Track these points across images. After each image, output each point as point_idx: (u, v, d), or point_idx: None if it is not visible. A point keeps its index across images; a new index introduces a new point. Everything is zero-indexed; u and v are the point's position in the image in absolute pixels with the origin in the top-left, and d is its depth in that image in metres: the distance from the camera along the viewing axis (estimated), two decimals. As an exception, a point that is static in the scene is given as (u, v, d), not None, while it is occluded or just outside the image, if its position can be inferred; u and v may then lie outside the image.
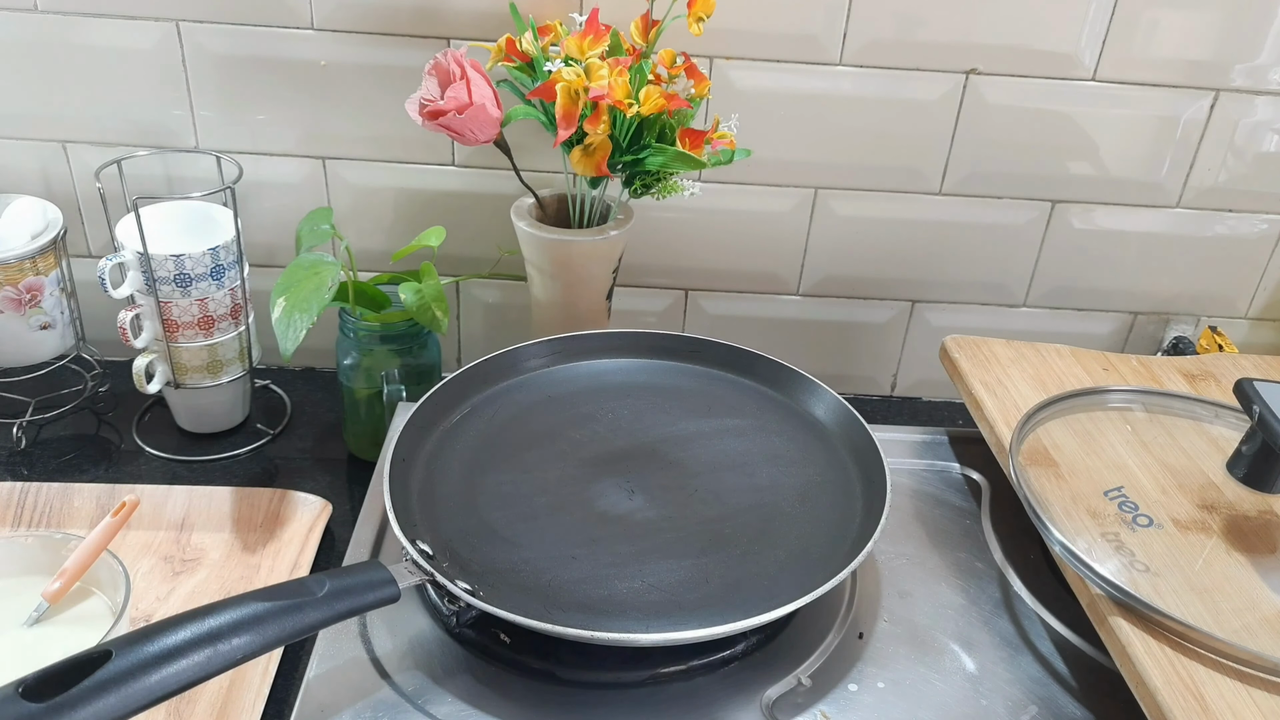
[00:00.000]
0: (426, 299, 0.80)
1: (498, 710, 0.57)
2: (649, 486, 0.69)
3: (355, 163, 0.92)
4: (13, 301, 0.82)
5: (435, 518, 0.66)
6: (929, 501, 0.76)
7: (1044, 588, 0.69)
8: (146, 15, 0.85)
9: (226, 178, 0.86)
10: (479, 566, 0.62)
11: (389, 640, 0.61)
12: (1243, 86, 0.90)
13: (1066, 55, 0.88)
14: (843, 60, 0.88)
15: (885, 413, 1.03)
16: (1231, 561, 0.62)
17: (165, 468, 0.87)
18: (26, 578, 0.69)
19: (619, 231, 0.84)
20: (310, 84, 0.88)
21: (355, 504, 0.83)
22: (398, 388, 0.81)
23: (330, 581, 0.53)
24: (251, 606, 0.49)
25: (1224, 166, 0.94)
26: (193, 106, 0.89)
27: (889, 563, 0.70)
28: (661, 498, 0.68)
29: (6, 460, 0.86)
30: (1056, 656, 0.64)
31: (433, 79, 0.78)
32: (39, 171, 0.91)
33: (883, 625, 0.65)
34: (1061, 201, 0.96)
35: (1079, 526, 0.65)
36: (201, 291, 0.82)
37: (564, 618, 0.58)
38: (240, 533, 0.79)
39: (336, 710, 0.56)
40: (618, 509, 0.67)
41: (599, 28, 0.78)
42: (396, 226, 0.95)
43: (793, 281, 1.00)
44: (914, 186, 0.94)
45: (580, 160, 0.78)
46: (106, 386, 0.94)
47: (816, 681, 0.60)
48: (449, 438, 0.73)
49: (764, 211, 0.95)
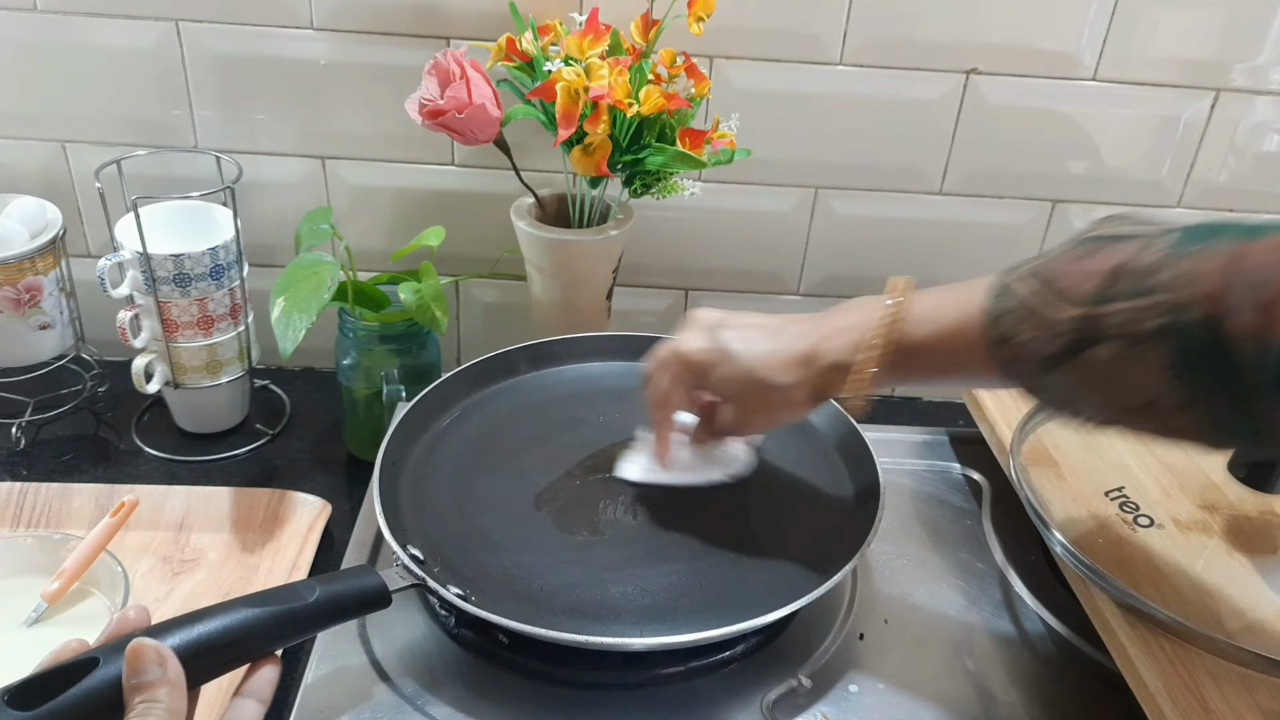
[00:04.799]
0: (426, 299, 0.80)
1: (497, 712, 0.57)
2: (641, 491, 0.69)
3: (355, 162, 0.92)
4: (12, 301, 0.81)
5: (426, 522, 0.66)
6: (930, 502, 0.76)
7: (1045, 588, 0.69)
8: (146, 15, 0.85)
9: (226, 177, 0.85)
10: (471, 571, 0.62)
11: (388, 642, 0.61)
12: (1243, 86, 0.90)
13: (1067, 55, 0.88)
14: (843, 60, 0.88)
15: (886, 413, 1.03)
16: (1232, 562, 0.62)
17: (164, 468, 0.87)
18: (25, 578, 0.69)
19: (619, 231, 0.84)
20: (310, 84, 0.88)
21: (355, 504, 0.83)
22: (397, 388, 0.80)
23: (321, 587, 0.52)
24: (242, 612, 0.49)
25: (1225, 166, 0.94)
26: (192, 106, 0.89)
27: (889, 563, 0.70)
28: (654, 502, 0.68)
29: (5, 460, 0.86)
30: (1056, 656, 0.64)
31: (432, 79, 0.78)
32: (38, 171, 0.91)
33: (883, 625, 0.65)
34: (1062, 201, 0.96)
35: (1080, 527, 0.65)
36: (201, 291, 0.82)
37: (558, 622, 0.58)
38: (239, 533, 0.79)
39: (336, 712, 0.56)
40: (610, 514, 0.67)
41: (599, 27, 0.77)
42: (396, 226, 0.95)
43: (793, 281, 1.00)
44: (914, 186, 0.94)
45: (580, 160, 0.78)
46: (106, 386, 0.94)
47: (816, 682, 0.60)
48: (440, 441, 0.73)
49: (764, 211, 0.95)
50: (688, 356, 0.62)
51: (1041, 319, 0.47)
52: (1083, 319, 0.46)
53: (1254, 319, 0.41)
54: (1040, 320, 0.47)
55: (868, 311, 0.58)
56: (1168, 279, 0.43)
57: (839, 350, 0.58)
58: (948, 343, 0.53)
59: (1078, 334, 0.46)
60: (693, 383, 0.63)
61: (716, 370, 0.61)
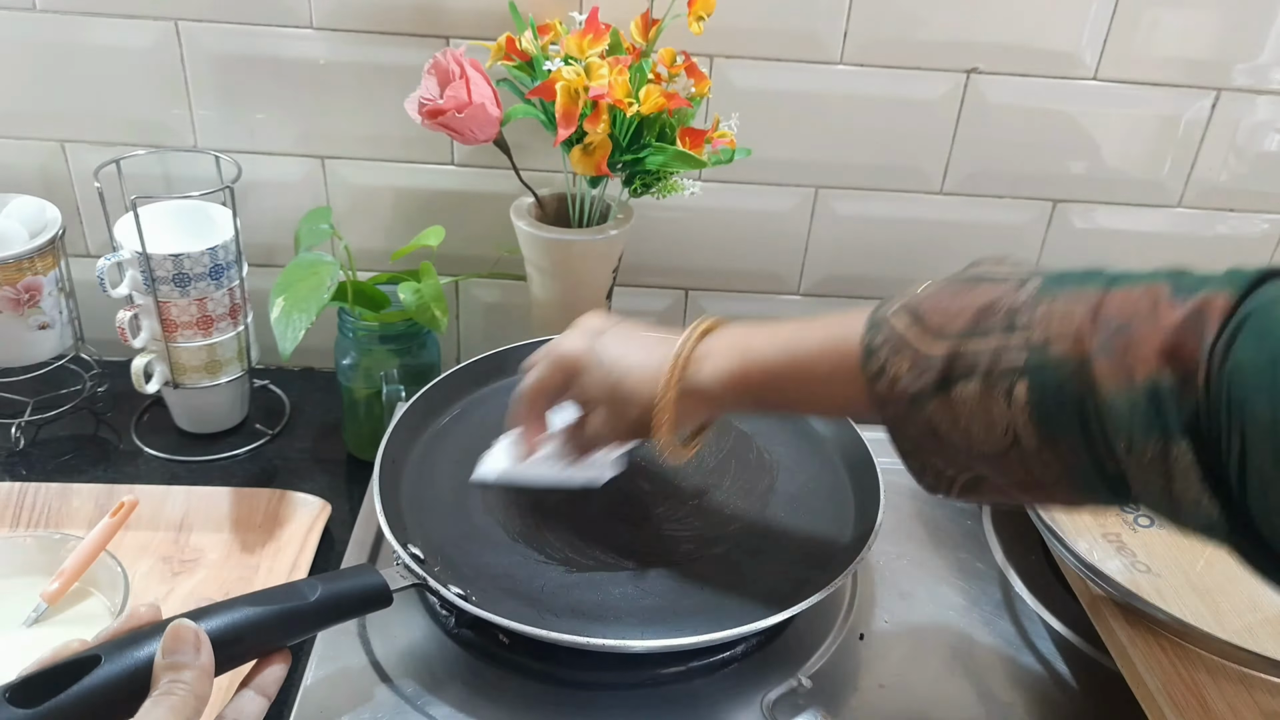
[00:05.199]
0: (425, 299, 0.80)
1: (497, 712, 0.57)
2: (640, 492, 0.69)
3: (354, 162, 0.92)
4: (11, 301, 0.81)
5: (426, 521, 0.66)
6: (930, 502, 0.76)
7: (1045, 588, 0.69)
8: (145, 14, 0.85)
9: (225, 177, 0.85)
10: (471, 571, 0.62)
11: (388, 642, 0.61)
12: (1244, 86, 0.90)
13: (1068, 54, 0.88)
14: (843, 59, 0.88)
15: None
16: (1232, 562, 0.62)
17: (164, 468, 0.87)
18: (25, 578, 0.69)
19: (619, 231, 0.84)
20: (309, 83, 0.88)
21: (354, 504, 0.83)
22: (397, 388, 0.80)
23: (323, 585, 0.52)
24: (243, 611, 0.49)
25: (1225, 166, 0.94)
26: (191, 106, 0.89)
27: (889, 563, 0.70)
28: (653, 504, 0.68)
29: (5, 460, 0.86)
30: (1058, 657, 0.64)
31: (432, 78, 0.78)
32: (37, 171, 0.91)
33: (883, 626, 0.65)
34: (1063, 201, 0.96)
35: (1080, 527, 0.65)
36: (200, 291, 0.82)
37: (558, 623, 0.58)
38: (239, 533, 0.79)
39: (336, 713, 0.56)
40: (609, 514, 0.67)
41: (599, 26, 0.77)
42: (396, 226, 0.95)
43: (793, 281, 0.99)
44: (915, 186, 0.94)
45: (580, 159, 0.77)
46: (105, 386, 0.93)
47: (816, 682, 0.60)
48: (440, 440, 0.73)
49: (764, 211, 0.95)
50: (562, 357, 0.62)
51: (909, 352, 0.47)
52: (950, 355, 0.46)
53: (1118, 361, 0.41)
54: (908, 354, 0.47)
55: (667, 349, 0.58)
56: (1035, 317, 0.44)
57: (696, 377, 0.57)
58: (821, 371, 0.52)
59: (944, 369, 0.46)
60: (563, 383, 0.62)
61: (587, 375, 0.61)
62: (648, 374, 0.58)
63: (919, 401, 0.47)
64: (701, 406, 0.58)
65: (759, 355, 0.55)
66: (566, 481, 0.68)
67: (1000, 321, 0.45)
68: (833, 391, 0.53)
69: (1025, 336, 0.44)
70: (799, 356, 0.54)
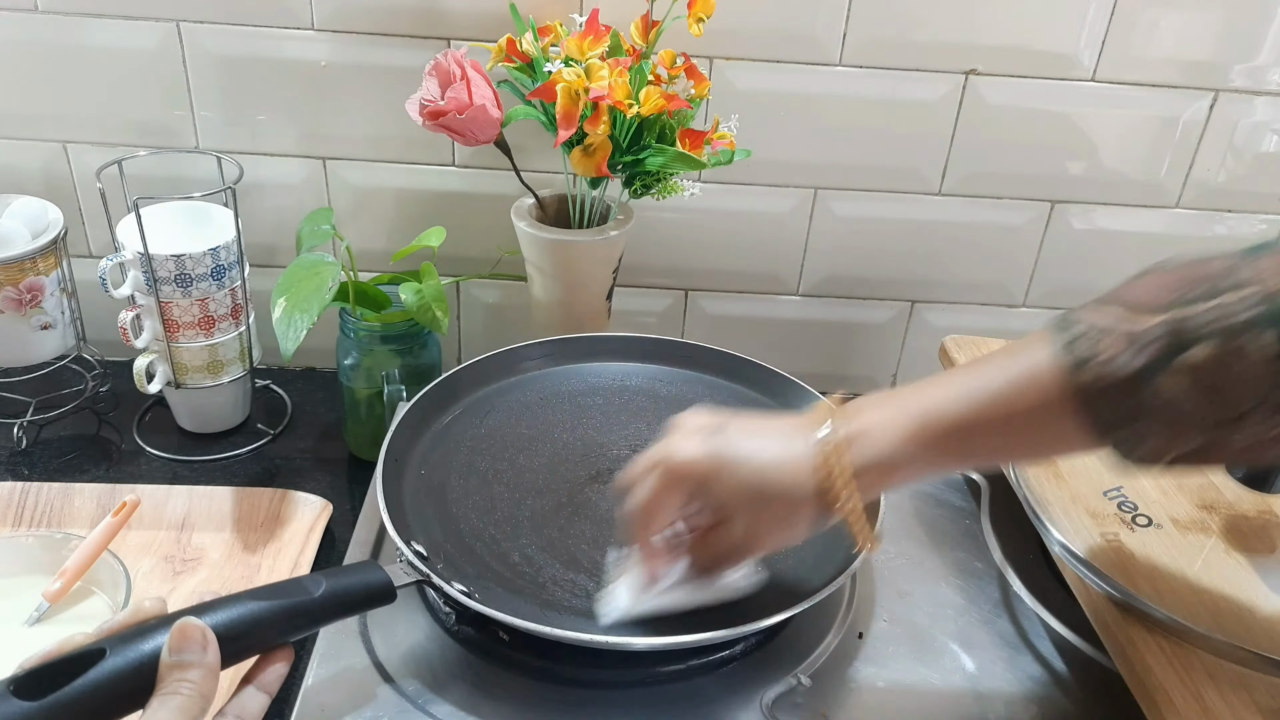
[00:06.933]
0: (427, 299, 0.80)
1: (500, 710, 0.57)
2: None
3: (355, 163, 0.92)
4: (13, 301, 0.82)
5: (429, 519, 0.66)
6: (928, 502, 0.76)
7: (1043, 588, 0.69)
8: (147, 15, 0.85)
9: (227, 178, 0.86)
10: (474, 568, 0.62)
11: (389, 641, 0.61)
12: (1242, 87, 0.90)
13: (1066, 55, 0.88)
14: (842, 60, 0.88)
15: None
16: (1231, 562, 0.63)
17: (166, 468, 0.87)
18: (27, 577, 0.69)
19: (619, 231, 0.84)
20: (310, 84, 0.88)
21: (356, 504, 0.83)
22: (398, 388, 0.81)
23: (327, 581, 0.52)
24: (248, 605, 0.49)
25: (1223, 167, 0.94)
26: (193, 107, 0.89)
27: (888, 563, 0.70)
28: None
29: (7, 460, 0.86)
30: (1056, 656, 0.64)
31: (433, 79, 0.78)
32: (40, 171, 0.91)
33: (882, 625, 0.65)
34: (1061, 202, 0.96)
35: (1078, 526, 0.65)
36: (202, 291, 0.82)
37: (559, 620, 0.58)
38: (241, 533, 0.79)
39: (338, 713, 0.56)
40: (612, 513, 0.67)
41: (599, 28, 0.78)
42: (397, 227, 0.95)
43: (792, 281, 1.00)
44: (914, 186, 0.95)
45: (580, 160, 0.78)
46: (107, 386, 0.94)
47: (816, 681, 0.60)
48: (441, 439, 0.73)
49: (764, 211, 0.95)
50: (680, 466, 0.54)
51: (1120, 334, 0.45)
52: (1170, 323, 0.44)
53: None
54: (1119, 335, 0.45)
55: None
56: (1250, 275, 0.43)
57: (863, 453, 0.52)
58: (1020, 406, 0.49)
59: (1168, 339, 0.44)
60: (684, 497, 0.55)
61: (716, 482, 0.54)
62: (796, 466, 0.53)
63: (1144, 378, 0.45)
64: (880, 480, 0.53)
65: (940, 411, 0.51)
66: (704, 603, 0.60)
67: (1210, 287, 0.44)
68: (1034, 423, 0.49)
69: (1250, 290, 0.43)
70: (987, 397, 0.50)
